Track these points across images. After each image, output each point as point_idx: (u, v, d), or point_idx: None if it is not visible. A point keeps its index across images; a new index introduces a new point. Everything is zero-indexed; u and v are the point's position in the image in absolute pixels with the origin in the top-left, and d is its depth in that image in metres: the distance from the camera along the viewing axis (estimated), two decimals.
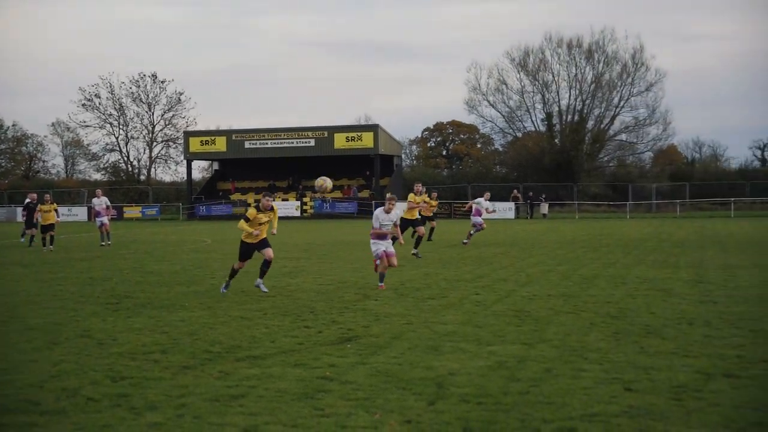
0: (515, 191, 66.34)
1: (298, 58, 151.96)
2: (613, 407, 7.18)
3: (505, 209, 60.68)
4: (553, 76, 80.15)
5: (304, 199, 68.16)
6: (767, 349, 9.62)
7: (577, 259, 22.65)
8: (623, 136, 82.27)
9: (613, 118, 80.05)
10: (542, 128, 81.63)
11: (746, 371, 8.48)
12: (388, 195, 16.79)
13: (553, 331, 11.07)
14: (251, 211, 15.31)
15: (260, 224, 15.41)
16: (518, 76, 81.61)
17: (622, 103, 79.23)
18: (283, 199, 69.38)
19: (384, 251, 16.07)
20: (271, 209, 15.49)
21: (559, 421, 6.80)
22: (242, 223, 15.31)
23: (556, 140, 79.57)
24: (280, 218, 21.02)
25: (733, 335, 10.58)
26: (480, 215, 29.05)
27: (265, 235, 15.60)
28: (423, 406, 7.35)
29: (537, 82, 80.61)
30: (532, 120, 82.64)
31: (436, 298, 14.65)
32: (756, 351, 9.51)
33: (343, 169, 72.74)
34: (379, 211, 16.24)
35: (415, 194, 25.89)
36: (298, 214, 66.52)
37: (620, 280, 17.21)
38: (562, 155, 76.03)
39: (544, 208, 63.26)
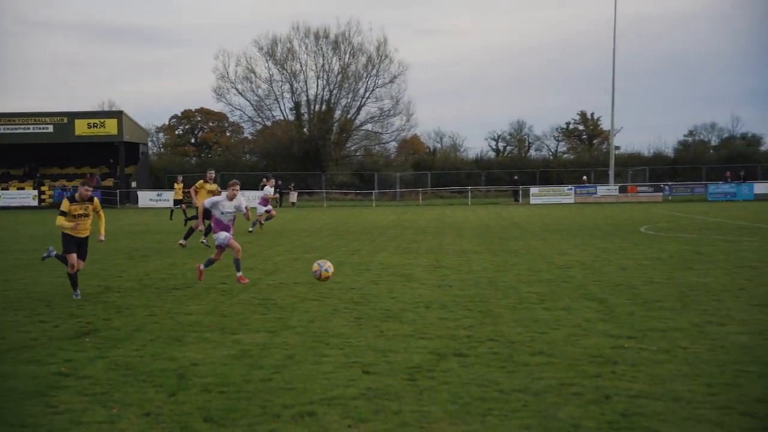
0: (264, 180, 66.42)
1: (32, 39, 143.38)
2: (352, 390, 7.43)
3: (254, 198, 60.57)
4: (301, 66, 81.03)
5: (42, 188, 64.65)
6: (494, 328, 10.30)
7: (324, 247, 23.09)
8: (369, 126, 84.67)
9: (360, 108, 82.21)
10: (291, 117, 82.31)
11: (474, 350, 9.04)
12: (232, 181, 15.30)
13: (298, 318, 11.25)
14: (64, 203, 13.55)
15: (76, 216, 13.52)
16: (267, 64, 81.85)
17: (367, 94, 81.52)
18: (19, 188, 65.50)
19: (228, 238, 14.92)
20: (90, 200, 13.63)
21: (299, 406, 6.95)
22: (60, 219, 13.47)
23: (304, 129, 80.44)
24: (16, 208, 19.71)
25: (465, 317, 11.23)
26: (266, 203, 30.33)
27: (87, 233, 13.82)
28: (163, 398, 7.25)
29: (285, 72, 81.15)
30: (281, 109, 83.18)
31: (181, 288, 14.45)
32: (484, 331, 10.15)
33: (86, 156, 69.75)
34: (221, 198, 14.95)
35: (207, 182, 25.02)
36: (35, 203, 63.00)
37: (364, 266, 17.74)
38: (311, 144, 77.02)
39: (293, 196, 63.85)
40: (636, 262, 17.64)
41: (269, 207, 30.40)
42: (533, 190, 64.23)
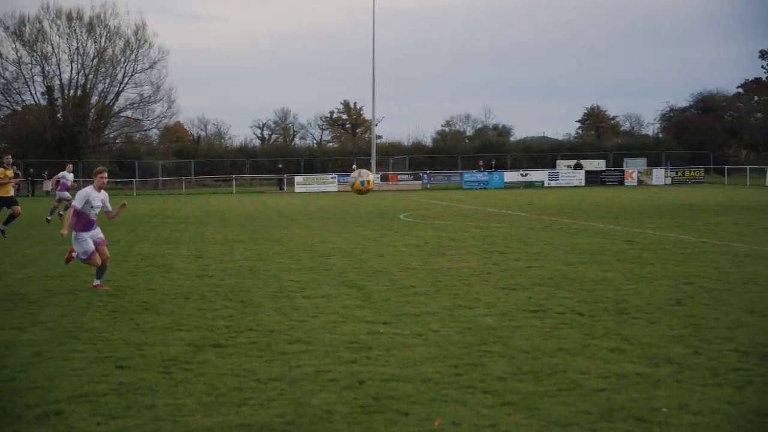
0: (15, 168, 62.70)
1: None
2: (103, 386, 7.18)
3: None
4: (53, 48, 76.86)
5: None
6: (254, 318, 10.30)
7: None
8: (129, 113, 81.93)
9: (118, 94, 79.24)
10: (43, 102, 78.04)
11: (233, 340, 9.00)
12: (98, 168, 13.23)
13: (48, 313, 10.74)
14: None
15: None
16: (14, 45, 76.88)
17: (126, 80, 78.74)
18: None
19: (95, 243, 12.80)
20: None
21: (45, 405, 6.63)
22: None
23: (58, 115, 76.60)
24: None
25: (225, 307, 11.16)
26: (67, 189, 28.70)
27: None
28: None
29: (35, 54, 76.66)
30: (31, 93, 78.53)
31: None
32: (243, 320, 10.13)
33: None
34: (89, 189, 12.85)
35: (6, 168, 22.92)
36: None
37: (122, 257, 17.18)
38: (66, 131, 73.51)
39: (48, 185, 60.68)
40: (394, 249, 18.21)
41: (68, 195, 28.71)
42: (298, 178, 64.70)
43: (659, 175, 66.61)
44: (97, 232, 12.96)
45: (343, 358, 8.10)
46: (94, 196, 12.86)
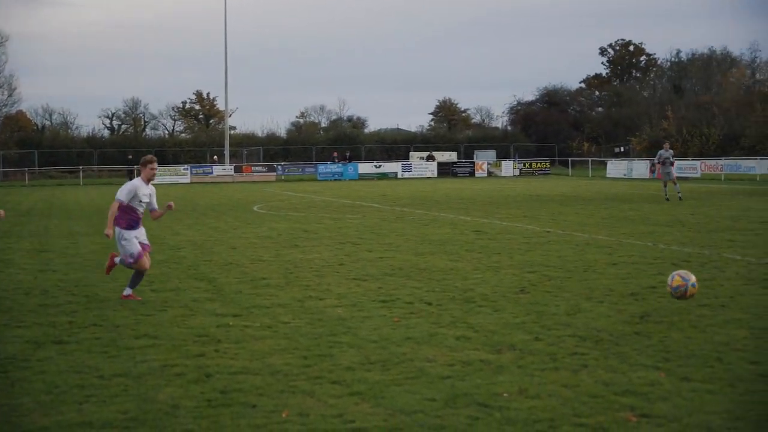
0: None
1: None
2: None
3: None
4: None
5: None
6: (98, 313, 10.01)
7: None
8: None
9: None
10: None
11: (76, 336, 8.73)
12: (147, 156, 11.31)
13: None
14: None
15: None
16: None
17: None
18: None
19: (141, 245, 10.97)
20: None
21: None
22: None
23: None
24: None
25: (68, 302, 10.81)
26: None
27: None
28: None
29: None
30: None
31: None
32: (87, 316, 9.84)
33: None
34: (137, 182, 10.99)
35: None
36: None
37: None
38: None
39: None
40: (247, 241, 18.06)
41: None
42: None
43: (508, 167, 68.47)
44: (142, 234, 11.12)
45: (191, 352, 7.99)
46: (143, 190, 11.00)
